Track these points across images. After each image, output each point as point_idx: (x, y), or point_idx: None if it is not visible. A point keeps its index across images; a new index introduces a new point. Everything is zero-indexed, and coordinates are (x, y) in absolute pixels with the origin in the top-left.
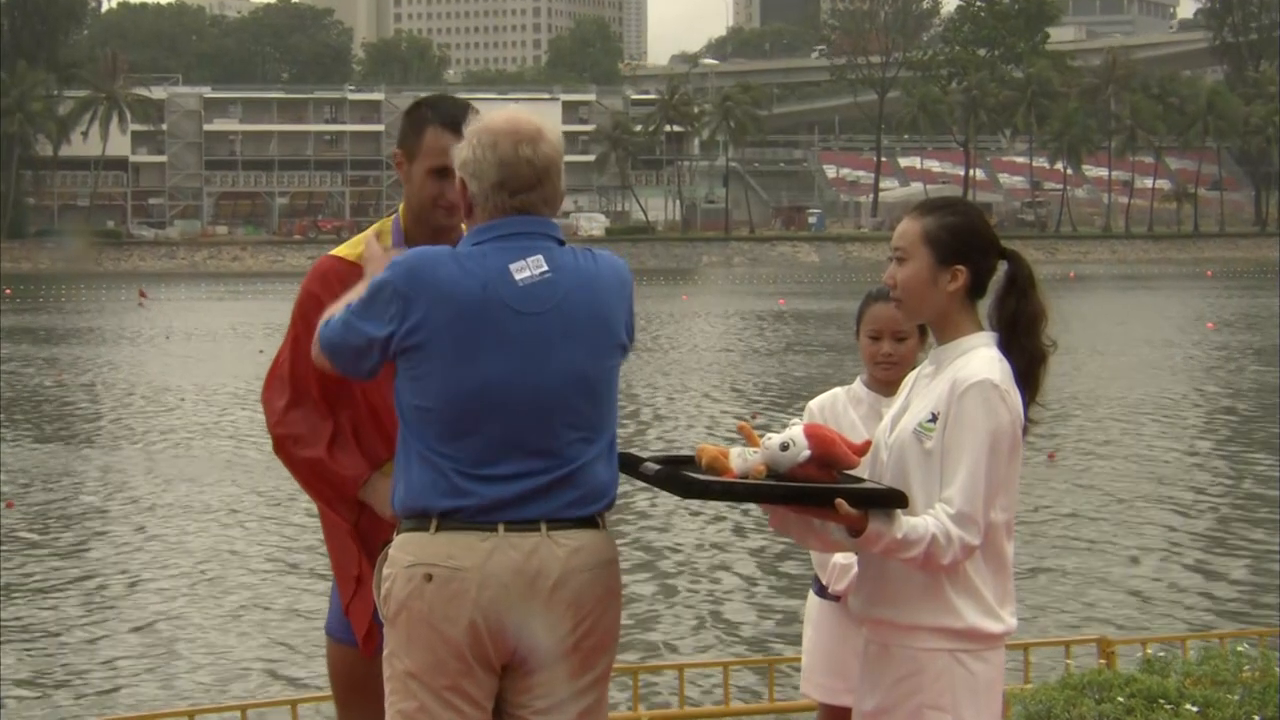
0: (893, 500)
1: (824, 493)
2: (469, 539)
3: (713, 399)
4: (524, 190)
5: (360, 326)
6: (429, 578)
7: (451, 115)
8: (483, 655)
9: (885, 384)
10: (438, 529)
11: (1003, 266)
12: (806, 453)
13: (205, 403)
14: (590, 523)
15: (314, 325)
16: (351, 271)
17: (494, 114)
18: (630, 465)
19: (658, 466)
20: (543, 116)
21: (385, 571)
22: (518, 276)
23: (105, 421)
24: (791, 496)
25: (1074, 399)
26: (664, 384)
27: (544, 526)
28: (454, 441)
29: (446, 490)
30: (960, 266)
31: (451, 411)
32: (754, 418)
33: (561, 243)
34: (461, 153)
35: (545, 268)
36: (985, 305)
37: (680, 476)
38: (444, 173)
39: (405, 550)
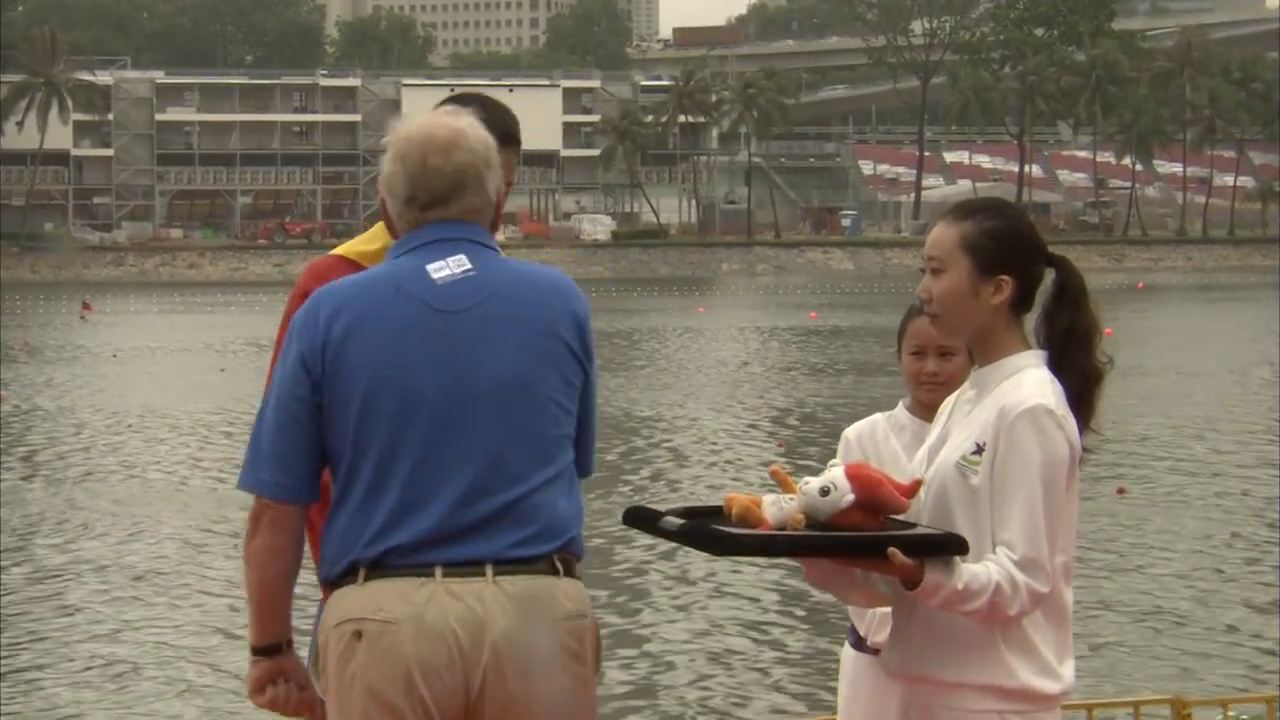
0: (951, 546)
1: (874, 542)
2: (401, 586)
3: (735, 431)
4: (435, 204)
5: (280, 393)
6: (358, 635)
7: (489, 122)
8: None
9: (930, 407)
10: (366, 578)
11: (1050, 275)
12: (850, 497)
13: (160, 429)
14: (547, 566)
15: None
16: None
17: (412, 120)
18: (648, 520)
19: (681, 521)
20: (468, 119)
21: (320, 639)
22: (435, 275)
23: (46, 450)
24: (838, 548)
25: (1146, 426)
26: (677, 414)
27: (489, 570)
28: (377, 469)
29: (372, 530)
30: (1005, 276)
31: (371, 431)
32: (779, 446)
33: (491, 249)
34: (383, 169)
35: (468, 265)
36: (1029, 320)
37: (711, 531)
38: None
39: (333, 608)
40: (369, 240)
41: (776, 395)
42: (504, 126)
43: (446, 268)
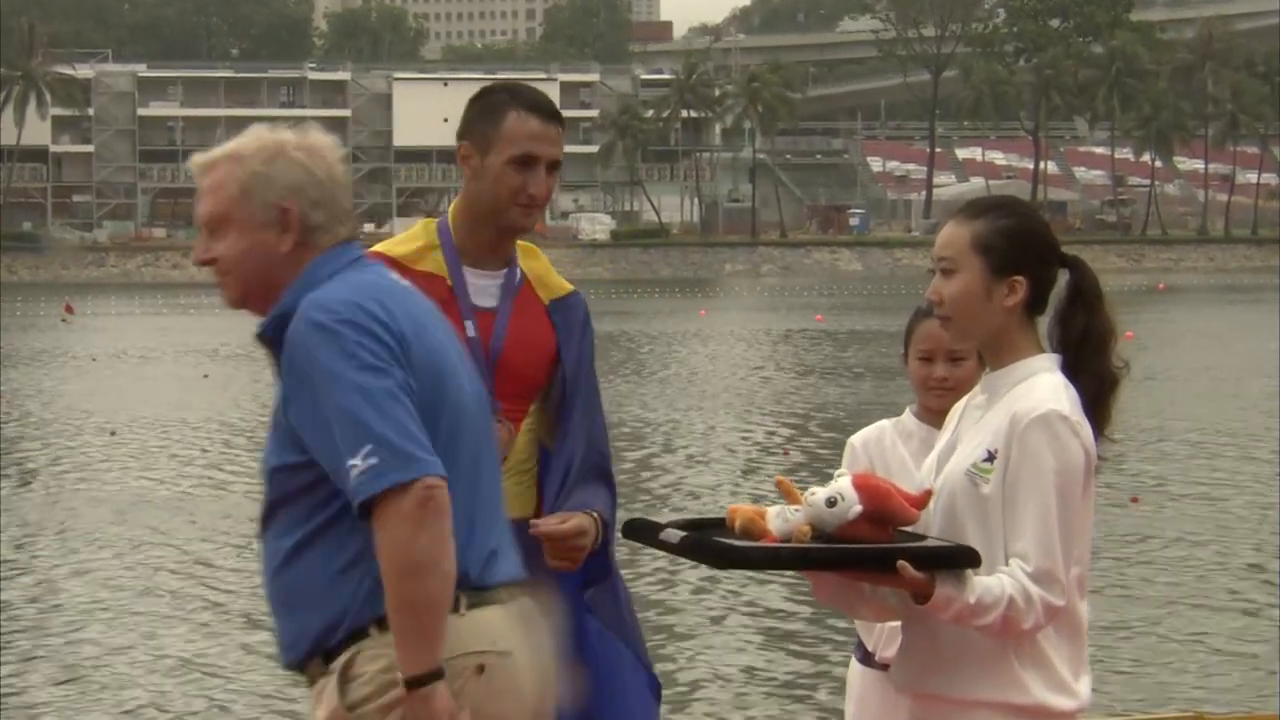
0: (963, 559)
1: (883, 554)
2: (499, 613)
3: (737, 439)
4: (345, 220)
5: (396, 380)
6: (480, 669)
7: (535, 99)
8: None
9: (939, 414)
10: (469, 606)
11: (1063, 277)
12: (857, 508)
13: (142, 437)
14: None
15: None
16: (405, 273)
17: (287, 131)
18: (646, 532)
19: (682, 533)
20: None
21: (370, 674)
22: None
23: (23, 458)
24: (846, 561)
25: (1162, 433)
26: (675, 421)
27: (518, 588)
28: (458, 479)
29: (473, 551)
30: (1019, 277)
31: (452, 436)
32: (785, 454)
33: None
34: (288, 174)
35: (406, 283)
36: (1042, 323)
37: (714, 544)
38: (528, 162)
39: None
40: (408, 240)
41: (781, 401)
42: (551, 105)
43: (402, 281)
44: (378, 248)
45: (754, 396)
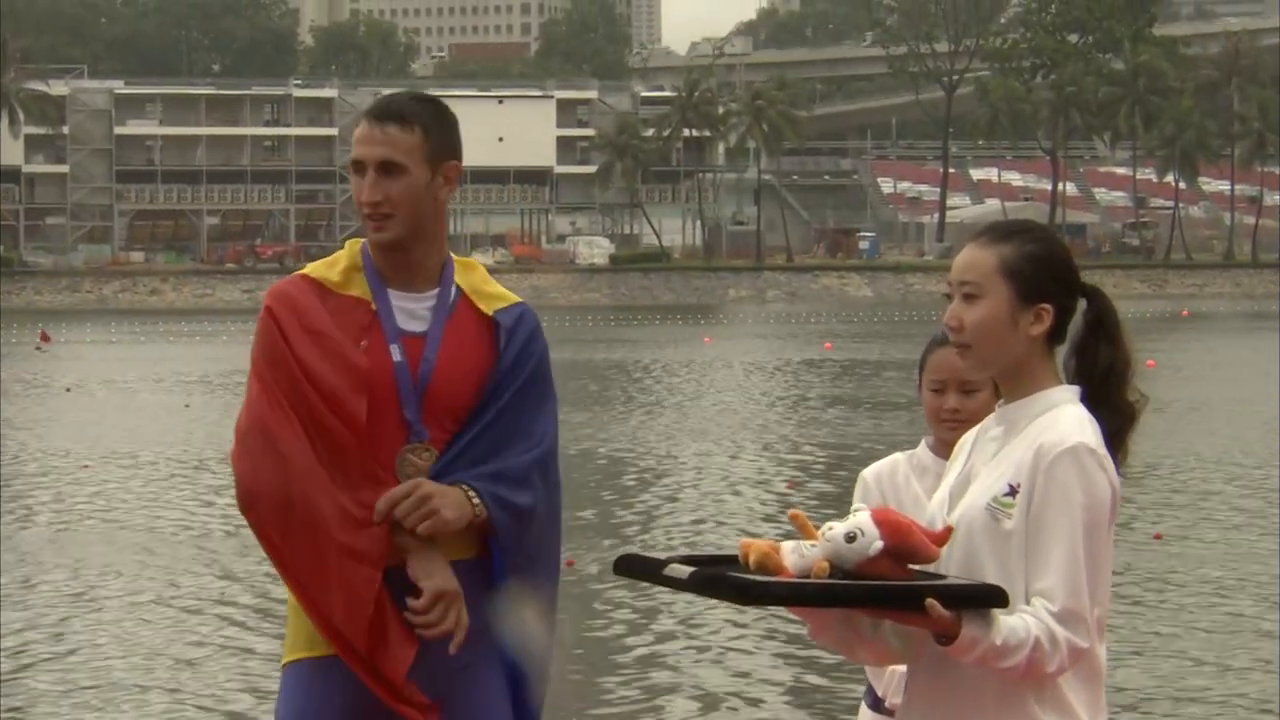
0: (992, 599)
1: (911, 592)
2: None
3: (742, 473)
4: None
5: None
6: None
7: (377, 103)
8: None
9: (952, 446)
10: None
11: (1081, 306)
12: (879, 544)
13: (121, 470)
14: None
15: (278, 361)
16: (327, 297)
17: None
18: (647, 569)
19: (691, 569)
20: None
21: None
22: None
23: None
24: (872, 598)
25: (1188, 465)
26: (676, 454)
27: None
28: None
29: None
30: (1046, 305)
31: None
32: (790, 487)
33: None
34: None
35: None
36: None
37: (733, 580)
38: (358, 168)
39: None
40: (332, 264)
41: (788, 434)
42: (390, 106)
43: None
44: (305, 270)
45: (761, 428)
